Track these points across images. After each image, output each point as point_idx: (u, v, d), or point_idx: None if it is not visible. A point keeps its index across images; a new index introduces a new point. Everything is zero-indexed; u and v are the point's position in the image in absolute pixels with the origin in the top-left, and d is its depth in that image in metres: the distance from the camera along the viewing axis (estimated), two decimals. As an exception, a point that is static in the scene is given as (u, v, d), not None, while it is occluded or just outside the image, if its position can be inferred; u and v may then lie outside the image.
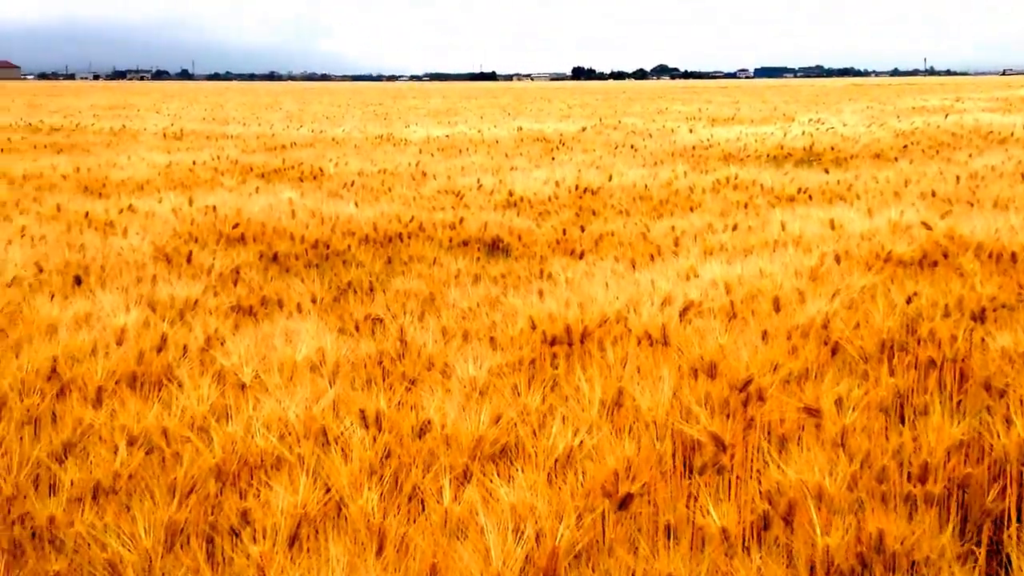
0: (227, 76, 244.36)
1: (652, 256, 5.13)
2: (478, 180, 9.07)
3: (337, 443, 2.39)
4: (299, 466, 2.31)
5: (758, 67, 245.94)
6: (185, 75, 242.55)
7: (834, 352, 3.28)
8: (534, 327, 3.39)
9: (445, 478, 2.13)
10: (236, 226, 5.98)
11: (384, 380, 3.09)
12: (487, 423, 2.41)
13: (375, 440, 2.38)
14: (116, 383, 2.96)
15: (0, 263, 4.26)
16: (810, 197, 7.83)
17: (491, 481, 2.07)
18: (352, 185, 9.23)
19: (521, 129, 18.72)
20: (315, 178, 10.11)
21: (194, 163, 10.87)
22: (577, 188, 8.35)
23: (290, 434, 2.49)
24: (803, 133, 15.96)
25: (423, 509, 2.15)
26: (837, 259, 4.49)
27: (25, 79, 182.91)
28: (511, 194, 8.12)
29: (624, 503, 2.00)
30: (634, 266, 4.76)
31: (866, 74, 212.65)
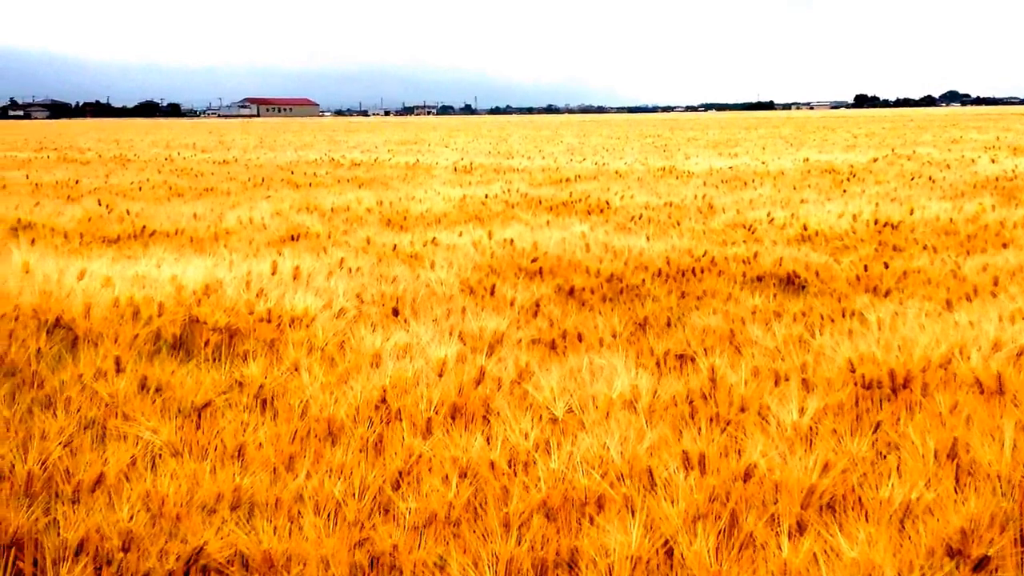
0: (507, 110, 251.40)
1: (968, 296, 4.85)
2: (768, 213, 8.90)
3: (661, 483, 2.37)
4: (625, 506, 2.32)
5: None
6: (468, 110, 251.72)
7: None
8: (853, 369, 3.27)
9: (781, 526, 2.08)
10: (534, 260, 6.12)
11: (693, 419, 3.06)
12: (817, 471, 2.33)
13: (698, 483, 2.36)
14: (436, 413, 3.07)
15: (328, 294, 4.53)
16: None
17: (829, 533, 2.00)
18: (639, 218, 9.26)
19: (807, 160, 18.24)
20: (601, 211, 10.21)
21: (486, 196, 11.23)
22: (876, 222, 8.03)
23: (611, 472, 2.49)
24: (1122, 162, 14.75)
25: (757, 557, 2.10)
26: None
27: (323, 116, 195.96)
28: (805, 228, 7.91)
29: (980, 565, 1.88)
30: (949, 306, 4.51)
31: None
